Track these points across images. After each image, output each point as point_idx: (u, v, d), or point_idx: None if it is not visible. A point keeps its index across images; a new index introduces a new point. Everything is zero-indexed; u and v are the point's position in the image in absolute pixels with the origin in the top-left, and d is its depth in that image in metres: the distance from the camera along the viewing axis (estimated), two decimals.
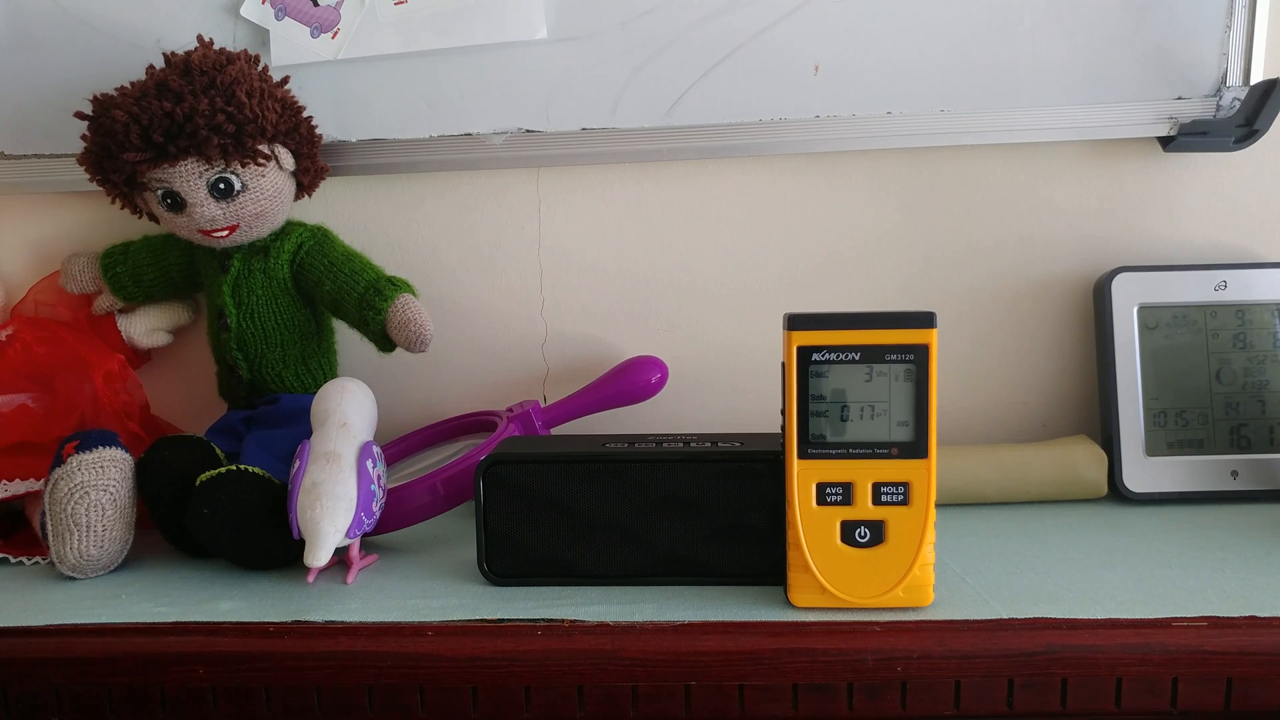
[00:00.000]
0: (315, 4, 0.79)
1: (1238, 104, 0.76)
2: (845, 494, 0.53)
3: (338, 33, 0.79)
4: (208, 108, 0.67)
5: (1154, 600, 0.54)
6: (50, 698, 0.54)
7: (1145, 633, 0.51)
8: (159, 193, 0.71)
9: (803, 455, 0.53)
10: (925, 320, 0.52)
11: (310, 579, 0.60)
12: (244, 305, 0.76)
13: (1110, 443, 0.75)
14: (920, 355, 0.52)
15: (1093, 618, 0.52)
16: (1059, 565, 0.61)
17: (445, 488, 0.67)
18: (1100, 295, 0.77)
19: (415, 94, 0.80)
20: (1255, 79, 0.76)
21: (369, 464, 0.62)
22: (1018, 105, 0.78)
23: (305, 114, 0.75)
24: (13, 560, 0.68)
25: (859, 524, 0.54)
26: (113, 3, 0.80)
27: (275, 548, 0.62)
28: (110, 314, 0.81)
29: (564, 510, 0.59)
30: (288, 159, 0.73)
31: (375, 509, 0.62)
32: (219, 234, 0.73)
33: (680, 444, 0.60)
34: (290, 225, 0.77)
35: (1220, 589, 0.56)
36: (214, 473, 0.63)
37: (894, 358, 0.53)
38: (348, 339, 0.81)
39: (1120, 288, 0.76)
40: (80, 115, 0.71)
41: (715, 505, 0.58)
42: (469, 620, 0.55)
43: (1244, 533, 0.66)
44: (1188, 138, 0.77)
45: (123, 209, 0.75)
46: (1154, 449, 0.75)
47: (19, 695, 0.54)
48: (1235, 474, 0.74)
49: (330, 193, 0.82)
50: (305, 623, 0.55)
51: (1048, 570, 0.60)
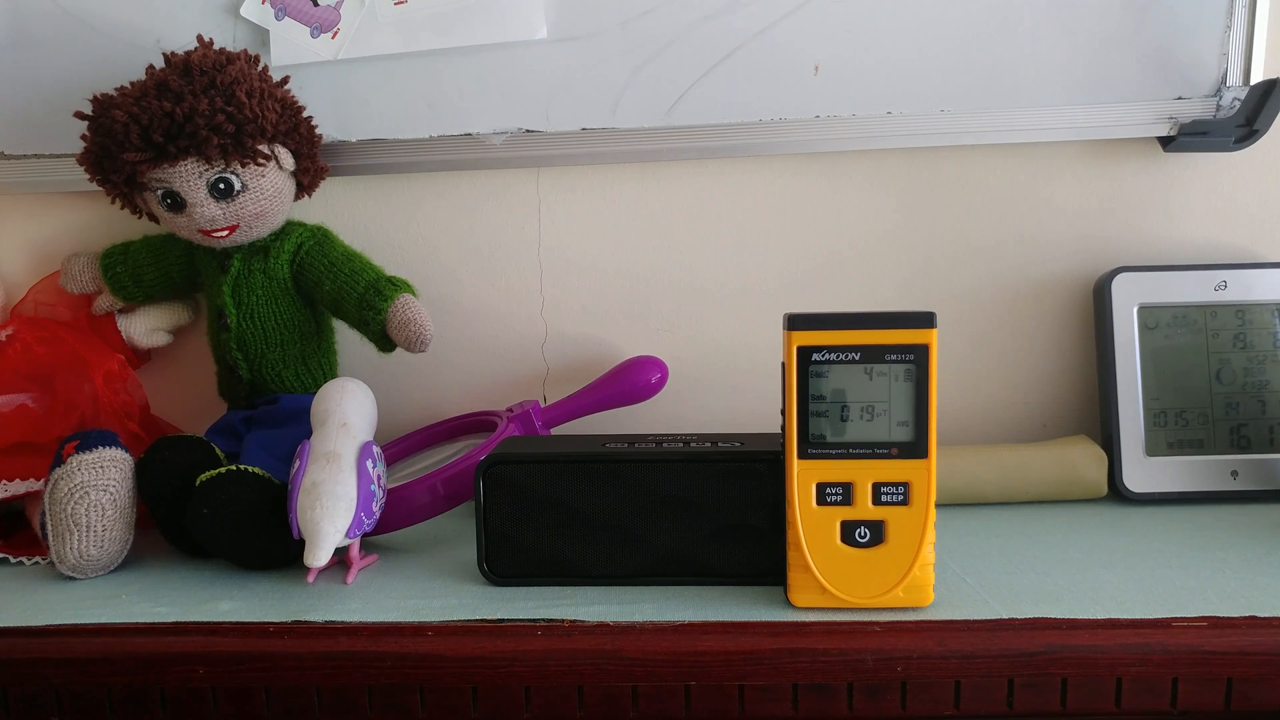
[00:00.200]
0: (315, 4, 0.79)
1: (1238, 104, 0.76)
2: (845, 494, 0.53)
3: (338, 33, 0.79)
4: (208, 108, 0.67)
5: (1154, 600, 0.55)
6: (50, 698, 0.54)
7: (1145, 633, 0.51)
8: (159, 193, 0.71)
9: (803, 455, 0.53)
10: (925, 320, 0.52)
11: (310, 579, 0.60)
12: (244, 305, 0.76)
13: (1110, 443, 0.75)
14: (920, 355, 0.52)
15: (1093, 618, 0.52)
16: (1059, 565, 0.61)
17: (445, 488, 0.67)
18: (1100, 295, 0.77)
19: (415, 94, 0.80)
20: (1255, 79, 0.76)
21: (369, 464, 0.62)
22: (1018, 105, 0.78)
23: (305, 114, 0.75)
24: (13, 560, 0.68)
25: (859, 524, 0.54)
26: (113, 3, 0.80)
27: (275, 548, 0.62)
28: (110, 314, 0.81)
29: (564, 510, 0.59)
30: (288, 159, 0.73)
31: (375, 509, 0.62)
32: (219, 234, 0.73)
33: (680, 444, 0.60)
34: (290, 225, 0.77)
35: (1220, 589, 0.56)
36: (214, 473, 0.63)
37: (894, 358, 0.53)
38: (348, 339, 0.81)
39: (1120, 288, 0.76)
40: (80, 115, 0.71)
41: (715, 505, 0.58)
42: (469, 620, 0.55)
43: (1244, 533, 0.66)
44: (1188, 138, 0.77)
45: (123, 209, 0.75)
46: (1154, 449, 0.75)
47: (19, 695, 0.54)
48: (1235, 474, 0.74)
49: (330, 193, 0.82)
50: (305, 623, 0.55)
51: (1048, 570, 0.60)
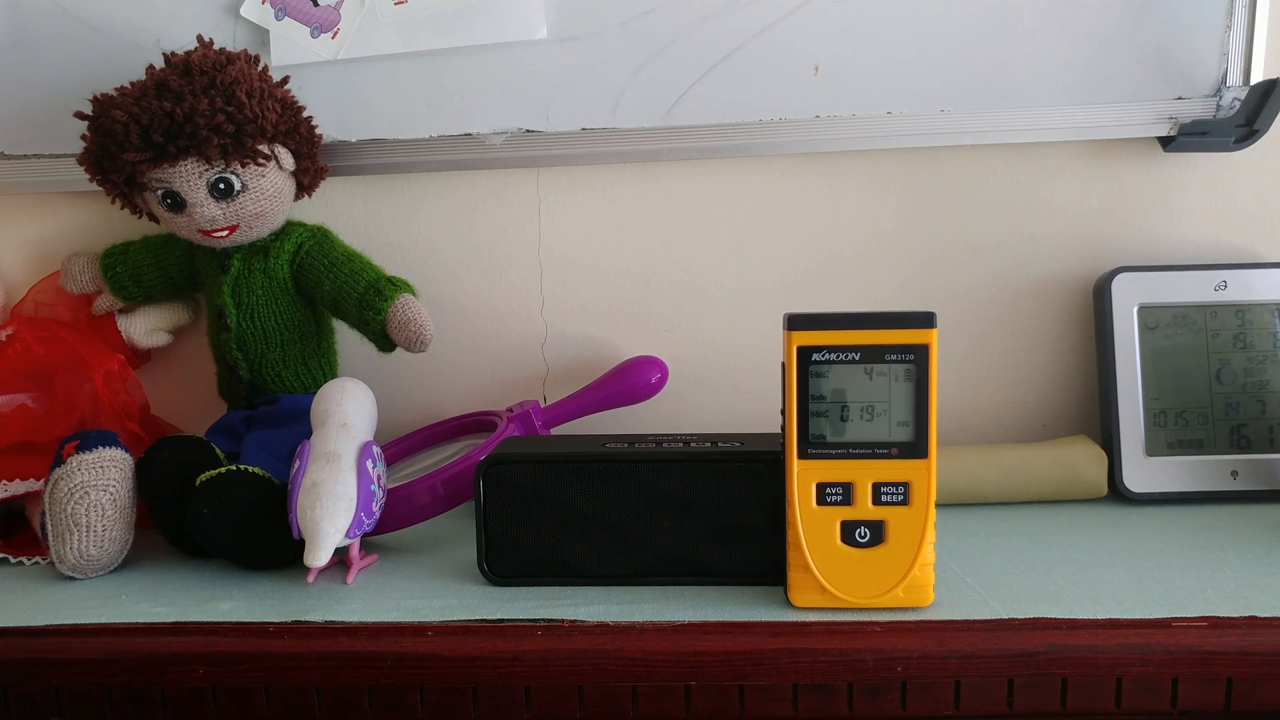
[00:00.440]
0: (315, 4, 0.79)
1: (1238, 104, 0.76)
2: (845, 494, 0.53)
3: (338, 33, 0.79)
4: (208, 108, 0.67)
5: (1154, 600, 0.54)
6: (50, 698, 0.54)
7: (1145, 633, 0.51)
8: (159, 193, 0.71)
9: (803, 455, 0.53)
10: (925, 320, 0.52)
11: (310, 579, 0.60)
12: (244, 305, 0.76)
13: (1110, 443, 0.75)
14: (920, 355, 0.52)
15: (1093, 618, 0.52)
16: (1059, 565, 0.61)
17: (445, 488, 0.67)
18: (1100, 295, 0.77)
19: (415, 94, 0.80)
20: (1255, 79, 0.76)
21: (369, 464, 0.62)
22: (1018, 105, 0.78)
23: (305, 114, 0.75)
24: (13, 560, 0.68)
25: (859, 524, 0.54)
26: (113, 3, 0.80)
27: (275, 548, 0.62)
28: (110, 314, 0.81)
29: (564, 510, 0.58)
30: (288, 159, 0.73)
31: (375, 509, 0.62)
32: (219, 234, 0.73)
33: (680, 444, 0.60)
34: (290, 225, 0.77)
35: (1220, 589, 0.56)
36: (214, 473, 0.63)
37: (894, 358, 0.53)
38: (348, 339, 0.81)
39: (1120, 288, 0.76)
40: (80, 115, 0.71)
41: (715, 505, 0.58)
42: (469, 620, 0.55)
43: (1244, 533, 0.66)
44: (1188, 138, 0.77)
45: (123, 209, 0.75)
46: (1154, 449, 0.75)
47: (19, 695, 0.54)
48: (1235, 474, 0.74)
49: (330, 193, 0.82)
50: (305, 623, 0.55)
51: (1048, 570, 0.60)
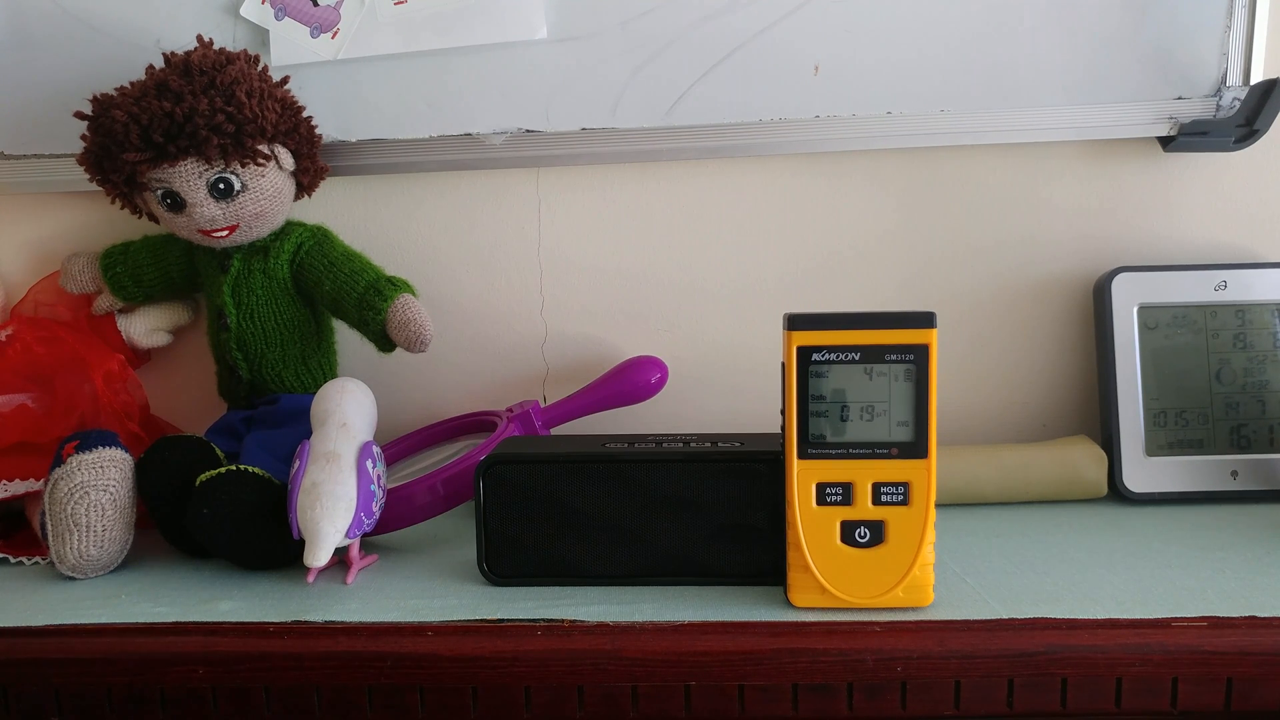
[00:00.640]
0: (315, 4, 0.79)
1: (1238, 104, 0.76)
2: (845, 494, 0.53)
3: (338, 33, 0.79)
4: (207, 108, 0.67)
5: (1154, 600, 0.54)
6: (50, 698, 0.54)
7: (1145, 633, 0.51)
8: (159, 193, 0.71)
9: (803, 455, 0.53)
10: (925, 320, 0.52)
11: (310, 579, 0.60)
12: (244, 305, 0.76)
13: (1110, 443, 0.75)
14: (920, 355, 0.52)
15: (1093, 618, 0.52)
16: (1059, 565, 0.61)
17: (445, 488, 0.67)
18: (1100, 295, 0.77)
19: (415, 94, 0.80)
20: (1255, 79, 0.76)
21: (369, 464, 0.62)
22: (1018, 105, 0.78)
23: (305, 114, 0.75)
24: (13, 560, 0.68)
25: (859, 524, 0.54)
26: (113, 3, 0.80)
27: (275, 548, 0.62)
28: (110, 314, 0.81)
29: (564, 510, 0.58)
30: (288, 159, 0.73)
31: (375, 509, 0.62)
32: (219, 234, 0.73)
33: (680, 444, 0.60)
34: (290, 225, 0.77)
35: (1220, 589, 0.56)
36: (214, 473, 0.63)
37: (894, 358, 0.53)
38: (348, 339, 0.81)
39: (1120, 288, 0.76)
40: (80, 115, 0.71)
41: (715, 505, 0.58)
42: (469, 620, 0.55)
43: (1244, 533, 0.66)
44: (1188, 138, 0.77)
45: (123, 209, 0.75)
46: (1154, 449, 0.75)
47: (19, 695, 0.54)
48: (1235, 474, 0.74)
49: (330, 193, 0.82)
50: (305, 623, 0.55)
51: (1048, 570, 0.60)
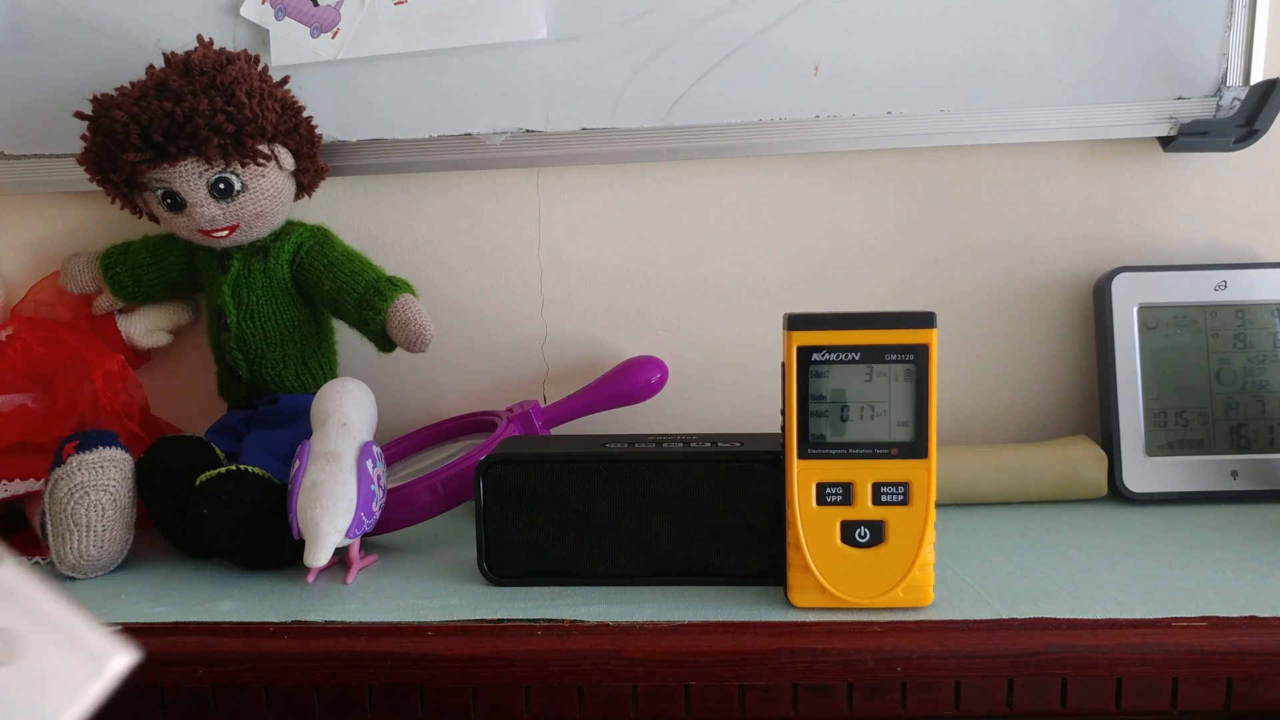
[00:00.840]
0: (315, 4, 0.79)
1: (1238, 104, 0.76)
2: (845, 494, 0.53)
3: (338, 33, 0.79)
4: (208, 108, 0.67)
5: (1154, 600, 0.54)
6: None
7: (1145, 633, 0.51)
8: (159, 193, 0.71)
9: (803, 455, 0.53)
10: (925, 320, 0.52)
11: (310, 579, 0.60)
12: (244, 305, 0.76)
13: (1110, 443, 0.75)
14: (920, 355, 0.52)
15: (1093, 618, 0.52)
16: (1059, 565, 0.61)
17: (445, 488, 0.67)
18: (1100, 295, 0.77)
19: (415, 94, 0.80)
20: (1255, 79, 0.76)
21: (369, 464, 0.62)
22: (1018, 105, 0.77)
23: (305, 114, 0.75)
24: None
25: (859, 524, 0.54)
26: (113, 3, 0.80)
27: (275, 548, 0.62)
28: (110, 314, 0.81)
29: (564, 510, 0.58)
30: (288, 159, 0.73)
31: (375, 509, 0.62)
32: (219, 234, 0.73)
33: (680, 444, 0.60)
34: (290, 225, 0.77)
35: (1220, 589, 0.56)
36: (214, 473, 0.63)
37: (894, 358, 0.53)
38: (348, 339, 0.81)
39: (1120, 288, 0.76)
40: (80, 115, 0.71)
41: (715, 505, 0.58)
42: (469, 620, 0.55)
43: (1244, 533, 0.66)
44: (1188, 138, 0.77)
45: (123, 209, 0.75)
46: (1154, 449, 0.75)
47: None
48: (1235, 474, 0.74)
49: (330, 193, 0.82)
50: (305, 623, 0.55)
51: (1048, 570, 0.60)
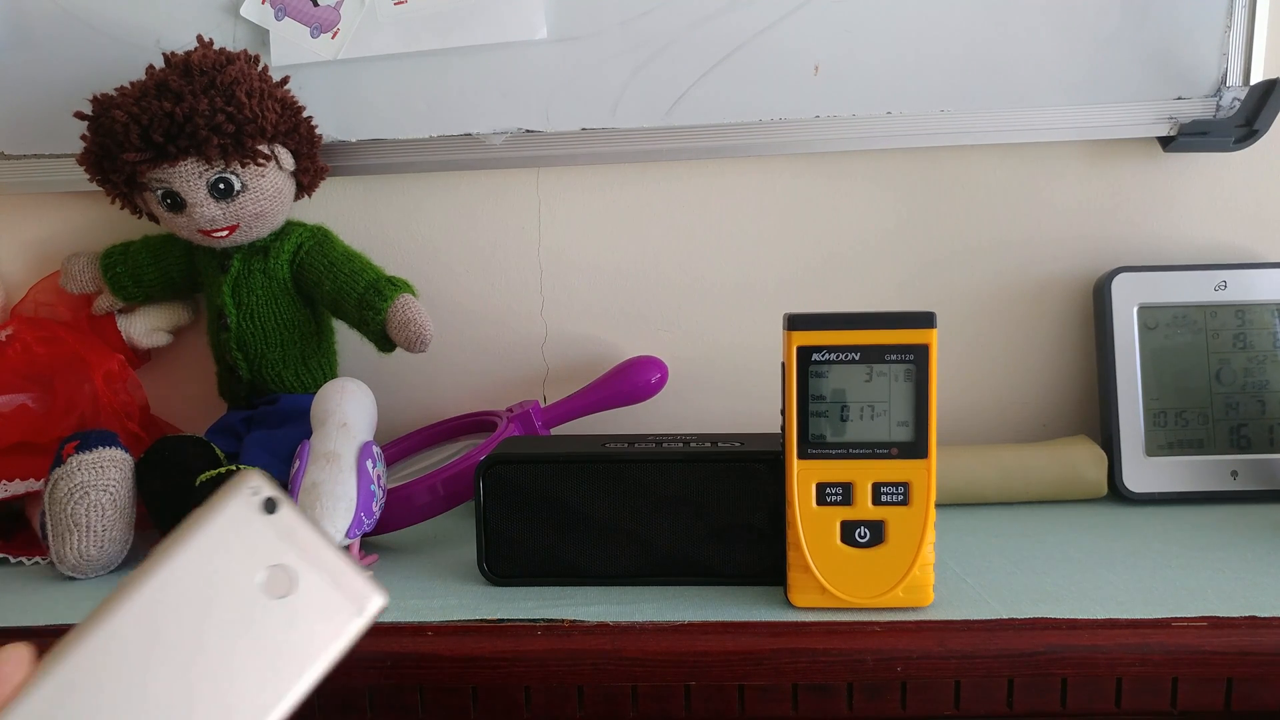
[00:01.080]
0: (315, 4, 0.79)
1: (1238, 104, 0.76)
2: (845, 494, 0.53)
3: (338, 33, 0.79)
4: (208, 108, 0.67)
5: (1154, 600, 0.54)
6: None
7: (1145, 633, 0.51)
8: (159, 193, 0.71)
9: (803, 455, 0.53)
10: (925, 320, 0.52)
11: None
12: (244, 305, 0.76)
13: (1110, 443, 0.75)
14: (920, 355, 0.52)
15: (1093, 618, 0.52)
16: (1059, 565, 0.60)
17: (445, 488, 0.67)
18: (1100, 295, 0.77)
19: (415, 94, 0.80)
20: (1255, 79, 0.76)
21: (369, 464, 0.62)
22: (1018, 105, 0.77)
23: (305, 114, 0.75)
24: (13, 560, 0.68)
25: (859, 524, 0.54)
26: (113, 3, 0.80)
27: None
28: (110, 314, 0.81)
29: (564, 510, 0.58)
30: (288, 159, 0.73)
31: (375, 509, 0.62)
32: (219, 234, 0.73)
33: (680, 444, 0.60)
34: (290, 225, 0.77)
35: (1220, 589, 0.56)
36: (214, 473, 0.63)
37: (894, 358, 0.53)
38: (348, 339, 0.81)
39: (1120, 288, 0.76)
40: (80, 115, 0.71)
41: (715, 505, 0.58)
42: (469, 620, 0.55)
43: (1244, 533, 0.66)
44: (1188, 138, 0.77)
45: (123, 209, 0.75)
46: (1154, 449, 0.75)
47: None
48: (1235, 474, 0.74)
49: (330, 193, 0.82)
50: None
51: (1048, 570, 0.60)
